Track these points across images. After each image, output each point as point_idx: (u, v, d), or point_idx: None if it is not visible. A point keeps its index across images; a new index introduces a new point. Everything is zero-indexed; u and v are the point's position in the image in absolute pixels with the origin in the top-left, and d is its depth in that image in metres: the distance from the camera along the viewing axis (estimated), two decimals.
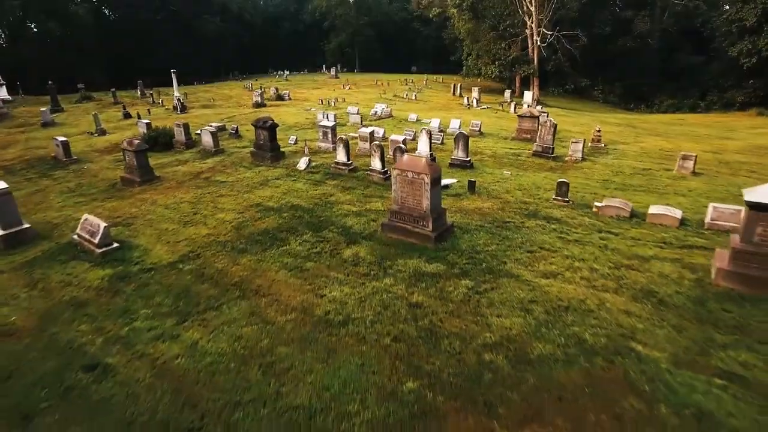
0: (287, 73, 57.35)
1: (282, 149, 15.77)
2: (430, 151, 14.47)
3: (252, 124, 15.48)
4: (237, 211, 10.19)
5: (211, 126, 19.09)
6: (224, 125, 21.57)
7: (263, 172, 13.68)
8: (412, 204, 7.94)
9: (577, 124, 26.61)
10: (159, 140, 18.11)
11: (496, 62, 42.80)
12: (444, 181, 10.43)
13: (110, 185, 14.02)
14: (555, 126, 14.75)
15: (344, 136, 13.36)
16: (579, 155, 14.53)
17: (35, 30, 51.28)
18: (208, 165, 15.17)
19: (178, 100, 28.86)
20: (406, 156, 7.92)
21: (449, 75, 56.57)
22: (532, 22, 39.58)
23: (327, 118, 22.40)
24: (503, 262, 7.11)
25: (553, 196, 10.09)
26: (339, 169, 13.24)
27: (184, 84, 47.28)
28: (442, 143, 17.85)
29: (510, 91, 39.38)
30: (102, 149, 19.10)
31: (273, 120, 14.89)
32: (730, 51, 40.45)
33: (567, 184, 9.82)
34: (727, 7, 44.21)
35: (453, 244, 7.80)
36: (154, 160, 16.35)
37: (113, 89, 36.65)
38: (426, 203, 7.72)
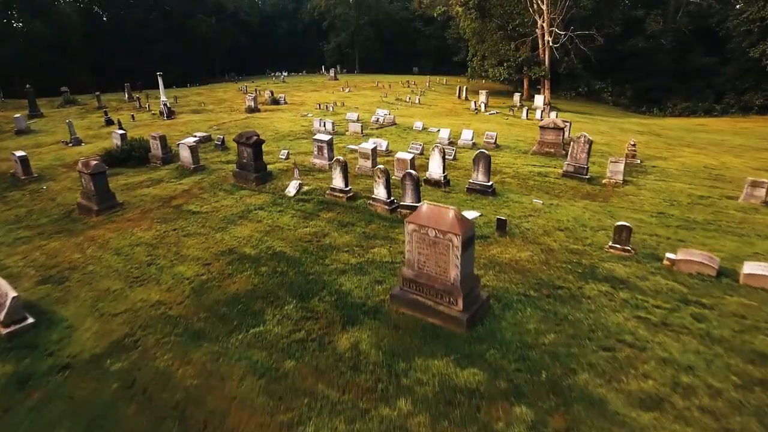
0: (285, 74, 55.14)
1: (270, 166, 13.59)
2: (444, 172, 12.26)
3: (234, 140, 13.25)
4: (203, 261, 7.93)
5: (192, 138, 16.81)
6: (210, 135, 19.30)
7: (245, 199, 11.44)
8: (434, 272, 5.69)
9: (597, 132, 24.34)
10: (133, 154, 15.94)
11: (504, 64, 40.49)
12: (465, 214, 8.17)
13: (65, 213, 11.81)
14: (590, 143, 12.50)
15: (341, 158, 11.10)
16: (620, 177, 12.27)
17: (21, 30, 48.91)
18: (183, 187, 12.94)
19: (165, 105, 26.58)
20: (425, 206, 5.65)
21: (452, 76, 54.35)
22: (543, 22, 37.22)
23: (324, 126, 20.19)
24: (572, 371, 4.84)
25: (610, 243, 7.84)
26: (335, 196, 11.00)
27: (177, 86, 44.92)
28: (454, 159, 15.61)
29: (519, 94, 37.07)
30: (71, 164, 16.87)
31: (258, 135, 12.65)
32: (752, 52, 38.20)
33: (629, 230, 7.57)
34: (739, 6, 41.87)
35: (492, 330, 5.54)
36: (124, 179, 14.17)
37: (97, 93, 34.41)
38: (454, 273, 5.47)
